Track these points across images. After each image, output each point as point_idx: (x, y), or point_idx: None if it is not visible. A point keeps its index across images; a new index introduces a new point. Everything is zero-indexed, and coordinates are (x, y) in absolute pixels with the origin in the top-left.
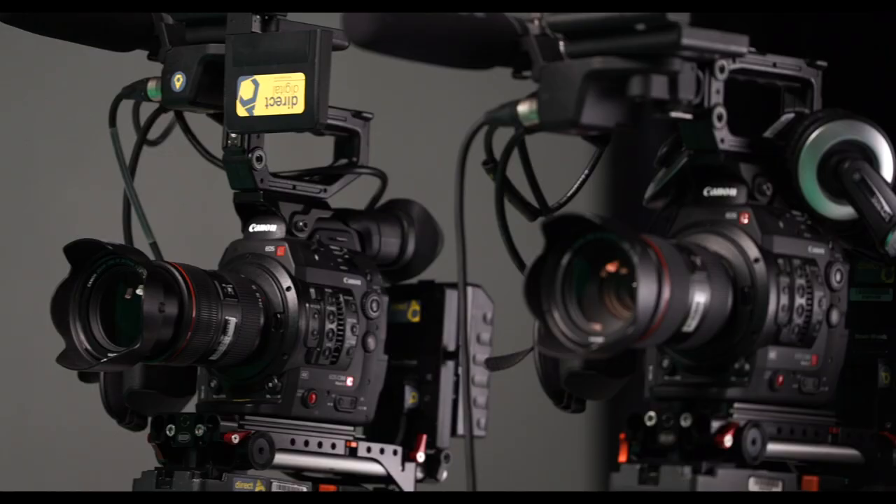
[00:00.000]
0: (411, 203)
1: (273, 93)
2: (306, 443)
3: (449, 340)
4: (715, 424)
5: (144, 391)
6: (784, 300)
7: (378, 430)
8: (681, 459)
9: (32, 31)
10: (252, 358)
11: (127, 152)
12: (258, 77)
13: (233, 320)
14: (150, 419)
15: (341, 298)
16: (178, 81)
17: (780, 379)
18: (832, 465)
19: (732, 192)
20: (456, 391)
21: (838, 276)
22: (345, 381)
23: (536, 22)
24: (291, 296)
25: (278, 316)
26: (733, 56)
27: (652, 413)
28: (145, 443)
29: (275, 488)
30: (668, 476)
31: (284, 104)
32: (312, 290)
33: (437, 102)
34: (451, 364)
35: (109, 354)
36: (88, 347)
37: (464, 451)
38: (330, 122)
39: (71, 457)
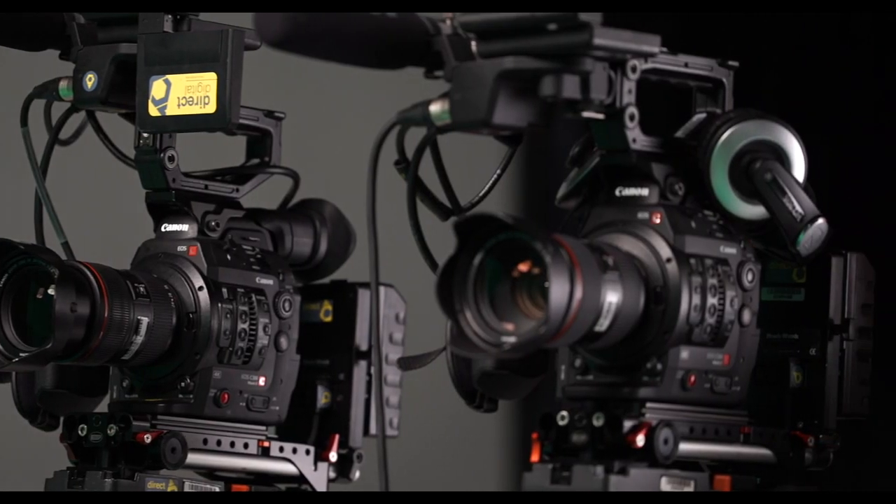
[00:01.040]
0: (323, 203)
1: (185, 92)
2: (219, 442)
3: (361, 340)
4: (627, 424)
5: (57, 391)
6: (696, 300)
7: (290, 430)
8: (593, 459)
9: None
10: (164, 358)
11: (39, 152)
12: (170, 77)
13: (145, 320)
14: (62, 419)
15: (254, 298)
16: (90, 81)
17: (693, 378)
18: (744, 464)
19: (644, 191)
20: (368, 391)
21: (750, 276)
22: (257, 380)
23: (448, 22)
24: (204, 295)
25: (190, 316)
26: (645, 56)
27: (564, 413)
28: (58, 443)
29: (187, 488)
30: (581, 475)
31: (196, 104)
32: (225, 290)
33: (349, 102)
34: (363, 364)
35: (21, 354)
36: (0, 347)
37: (376, 450)
38: (242, 121)
39: None
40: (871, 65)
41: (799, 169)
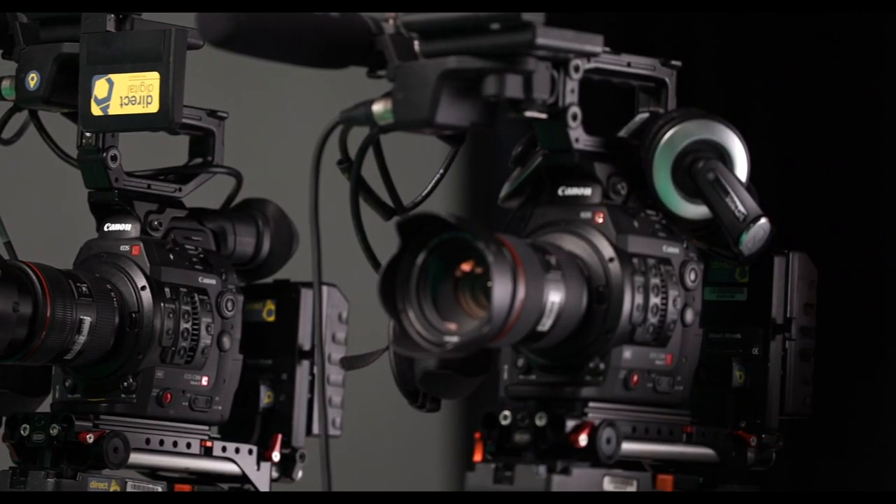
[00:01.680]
0: (266, 202)
1: (128, 92)
2: (161, 442)
3: (304, 340)
4: (570, 423)
5: None
6: (639, 299)
7: (233, 430)
8: (536, 459)
9: None
10: (107, 357)
11: None
12: (113, 76)
13: (87, 319)
14: (4, 419)
15: (196, 298)
16: (33, 80)
17: (635, 378)
18: (687, 464)
19: (587, 191)
20: (311, 390)
21: (693, 276)
22: (200, 380)
23: (391, 21)
24: (146, 295)
25: (133, 315)
26: (588, 56)
27: (507, 412)
28: (0, 442)
29: (129, 488)
30: (523, 475)
31: (139, 103)
32: (167, 290)
33: (291, 102)
34: (306, 363)
35: None
36: None
37: (319, 450)
38: (185, 121)
39: None
40: (815, 64)
41: (741, 169)
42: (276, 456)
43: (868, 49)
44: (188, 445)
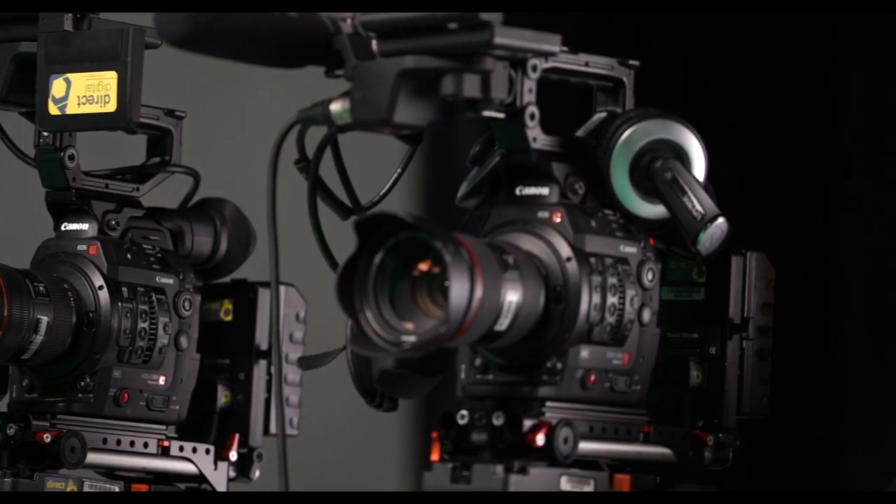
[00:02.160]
0: (224, 202)
1: (85, 91)
2: (118, 442)
3: (261, 339)
4: (527, 423)
5: None
6: (596, 299)
7: (190, 429)
8: (493, 458)
9: None
10: (64, 357)
11: None
12: (70, 75)
13: (45, 319)
14: None
15: (154, 297)
16: None
17: (592, 378)
18: (644, 463)
19: (545, 191)
20: (268, 390)
21: (650, 275)
22: (157, 380)
23: (349, 21)
24: (104, 295)
25: (90, 315)
26: (545, 55)
27: (464, 412)
28: None
29: (87, 488)
30: (481, 475)
31: (97, 103)
32: (125, 289)
33: (249, 101)
34: (263, 363)
35: None
36: None
37: (276, 449)
38: (142, 120)
39: None
40: (772, 65)
41: (699, 168)
42: (233, 455)
43: (825, 50)
44: (145, 445)
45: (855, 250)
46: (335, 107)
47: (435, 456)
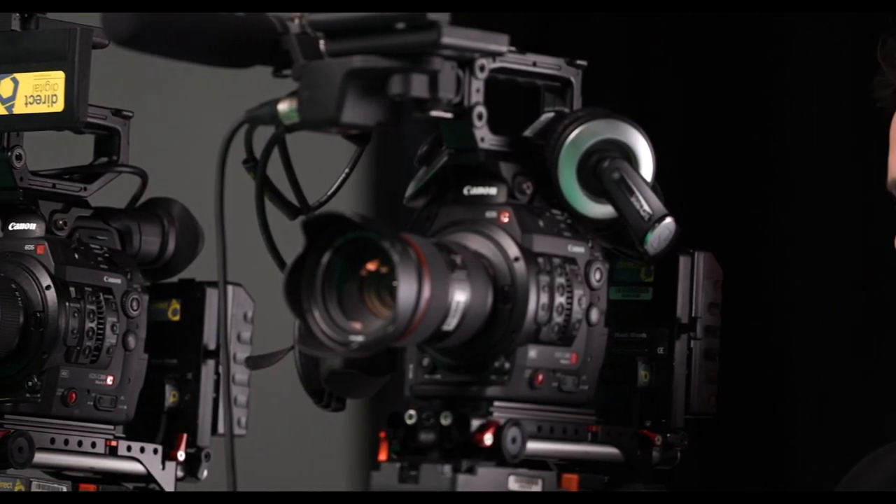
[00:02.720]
0: (172, 202)
1: (33, 91)
2: (66, 442)
3: (209, 339)
4: (475, 423)
5: None
6: (544, 299)
7: (138, 429)
8: (441, 458)
9: None
10: (11, 357)
11: None
12: (18, 75)
13: None
14: None
15: (101, 297)
16: None
17: (540, 377)
18: (592, 463)
19: (492, 190)
20: (216, 390)
21: (598, 275)
22: (105, 379)
23: (297, 20)
24: (51, 294)
25: (38, 315)
26: (493, 55)
27: (412, 412)
28: None
29: (34, 488)
30: (429, 475)
31: (44, 102)
32: (72, 289)
33: (197, 101)
34: (211, 363)
35: None
36: None
37: (224, 449)
38: (90, 120)
39: None
40: (718, 66)
41: (647, 168)
42: (181, 455)
43: (770, 50)
44: (93, 445)
45: (801, 250)
46: (283, 106)
47: (383, 456)
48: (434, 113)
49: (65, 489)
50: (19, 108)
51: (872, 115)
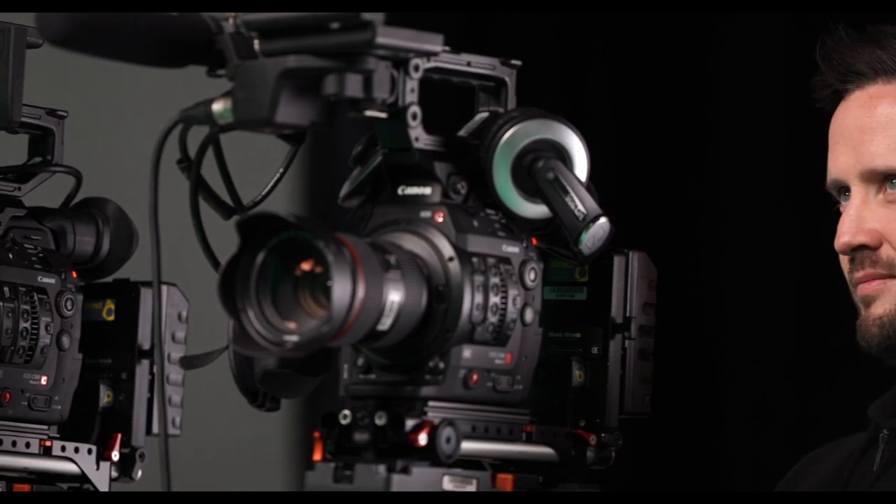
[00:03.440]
0: (106, 201)
1: None
2: (0, 442)
3: (144, 339)
4: (409, 423)
5: None
6: (478, 299)
7: (73, 429)
8: (375, 458)
9: None
10: None
11: None
12: None
13: None
14: None
15: (35, 297)
16: None
17: (475, 377)
18: (526, 463)
19: (427, 190)
20: (151, 390)
21: (532, 275)
22: (39, 379)
23: (231, 20)
24: None
25: None
26: (427, 55)
27: (347, 411)
28: None
29: None
30: (363, 475)
31: None
32: (6, 289)
33: (132, 101)
34: (145, 363)
35: None
36: None
37: (159, 449)
38: (24, 119)
39: None
40: (651, 66)
41: (581, 168)
42: (115, 455)
43: (702, 51)
44: (27, 445)
45: (736, 249)
46: (217, 106)
47: (317, 456)
48: (368, 113)
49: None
50: None
51: (807, 116)
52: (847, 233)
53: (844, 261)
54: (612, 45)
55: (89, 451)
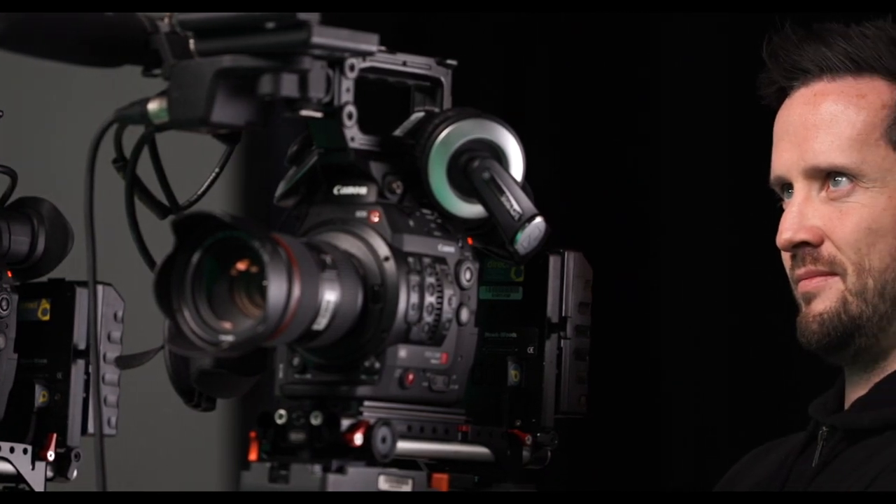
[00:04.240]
0: (41, 201)
1: None
2: None
3: (79, 339)
4: (345, 423)
5: None
6: (414, 298)
7: (8, 429)
8: (311, 458)
9: None
10: None
11: None
12: None
13: None
14: None
15: None
16: None
17: (411, 377)
18: (462, 463)
19: (363, 190)
20: (87, 389)
21: (468, 275)
22: None
23: (166, 20)
24: None
25: None
26: (363, 55)
27: (282, 411)
28: None
29: None
30: (299, 474)
31: None
32: None
33: (67, 100)
34: (81, 362)
35: None
36: None
37: (94, 449)
38: None
39: None
40: (588, 66)
41: (517, 168)
42: (50, 455)
43: (641, 52)
44: None
45: (673, 248)
46: (152, 106)
47: (253, 455)
48: (304, 112)
49: None
50: None
51: (750, 113)
52: (789, 229)
53: (786, 257)
54: (552, 44)
55: (25, 451)
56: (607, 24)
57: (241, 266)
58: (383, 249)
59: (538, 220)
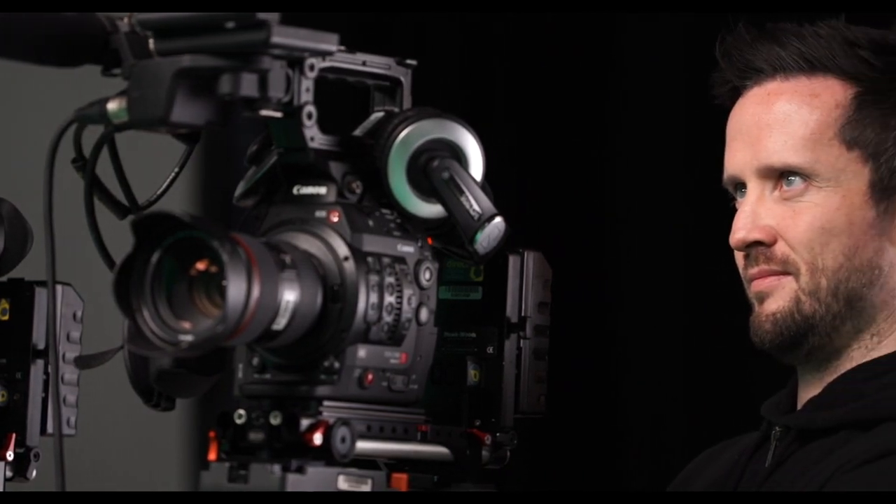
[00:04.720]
0: (1, 201)
1: None
2: None
3: (38, 339)
4: (304, 422)
5: None
6: (373, 298)
7: None
8: (270, 457)
9: None
10: None
11: None
12: None
13: None
14: None
15: None
16: None
17: (370, 377)
18: (421, 462)
19: (322, 190)
20: (46, 389)
21: (427, 275)
22: None
23: (126, 19)
24: None
25: None
26: (323, 54)
27: (241, 411)
28: None
29: None
30: (258, 474)
31: None
32: None
33: (26, 100)
34: (40, 362)
35: None
36: None
37: (53, 449)
38: None
39: None
40: (549, 66)
41: (476, 168)
42: (9, 455)
43: (602, 53)
44: None
45: (632, 248)
46: (112, 106)
47: (212, 455)
48: (264, 112)
49: None
50: None
51: (704, 113)
52: (742, 229)
53: (739, 257)
54: (511, 45)
55: None
56: (564, 25)
57: (201, 266)
58: (343, 249)
59: (498, 219)
